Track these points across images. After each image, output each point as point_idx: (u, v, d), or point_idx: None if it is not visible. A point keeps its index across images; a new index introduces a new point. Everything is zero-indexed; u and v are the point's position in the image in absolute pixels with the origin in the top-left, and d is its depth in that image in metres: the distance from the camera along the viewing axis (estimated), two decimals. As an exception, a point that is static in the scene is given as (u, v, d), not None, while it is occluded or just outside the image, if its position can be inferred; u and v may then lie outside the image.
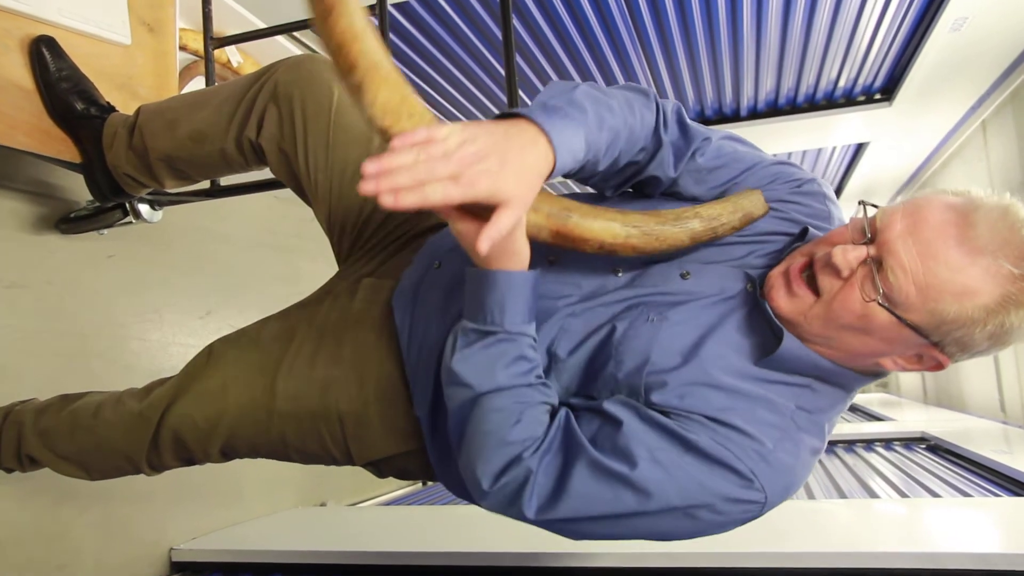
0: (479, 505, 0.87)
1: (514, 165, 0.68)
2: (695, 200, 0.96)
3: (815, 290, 0.82)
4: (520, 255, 0.79)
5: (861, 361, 0.85)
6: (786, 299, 0.84)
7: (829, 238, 0.84)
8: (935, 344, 0.80)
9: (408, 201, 0.63)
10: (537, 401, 0.84)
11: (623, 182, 0.97)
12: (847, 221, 0.99)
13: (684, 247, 0.89)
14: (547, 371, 0.90)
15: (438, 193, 0.64)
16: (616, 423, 0.81)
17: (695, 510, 0.79)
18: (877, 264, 0.78)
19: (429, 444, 1.01)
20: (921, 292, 0.75)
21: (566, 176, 0.82)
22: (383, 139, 0.66)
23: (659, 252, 0.87)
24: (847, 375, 0.87)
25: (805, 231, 0.91)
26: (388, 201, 0.63)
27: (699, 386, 0.82)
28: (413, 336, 1.02)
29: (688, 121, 0.95)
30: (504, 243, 0.76)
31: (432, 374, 0.98)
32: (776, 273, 0.86)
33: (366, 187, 0.63)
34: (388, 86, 0.65)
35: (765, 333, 0.86)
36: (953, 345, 0.80)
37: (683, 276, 0.90)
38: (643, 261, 0.92)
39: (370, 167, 0.63)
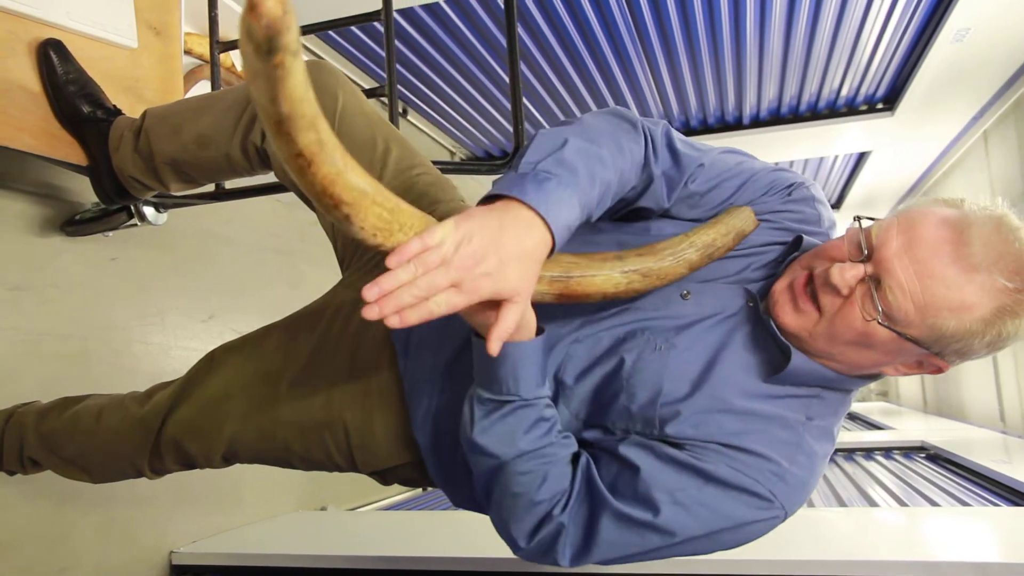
0: (510, 547, 0.89)
1: (513, 259, 0.68)
2: (691, 222, 0.95)
3: (819, 306, 0.83)
4: (527, 328, 0.78)
5: (864, 371, 0.87)
6: (792, 315, 0.84)
7: (827, 252, 0.84)
8: (935, 353, 0.82)
9: (414, 319, 0.63)
10: (560, 457, 0.85)
11: (613, 215, 0.97)
12: (836, 221, 1.00)
13: (684, 277, 0.89)
14: (555, 398, 0.90)
15: (442, 306, 0.64)
16: (634, 469, 0.82)
17: (718, 535, 0.82)
18: (875, 282, 0.79)
19: (432, 468, 1.02)
20: (920, 310, 0.77)
21: None
22: (380, 252, 0.65)
23: (661, 287, 0.87)
24: (849, 380, 0.89)
25: (800, 240, 0.92)
26: (394, 323, 0.62)
27: (713, 413, 0.83)
28: (410, 359, 1.02)
29: (679, 147, 0.92)
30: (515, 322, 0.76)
31: (430, 403, 0.99)
32: (780, 288, 0.87)
33: (369, 313, 0.61)
34: (376, 206, 0.64)
35: (770, 349, 0.87)
36: (953, 354, 0.82)
37: (683, 297, 0.91)
38: None
39: (370, 293, 0.61)
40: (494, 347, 0.69)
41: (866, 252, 0.80)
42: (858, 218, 0.84)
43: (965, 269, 0.75)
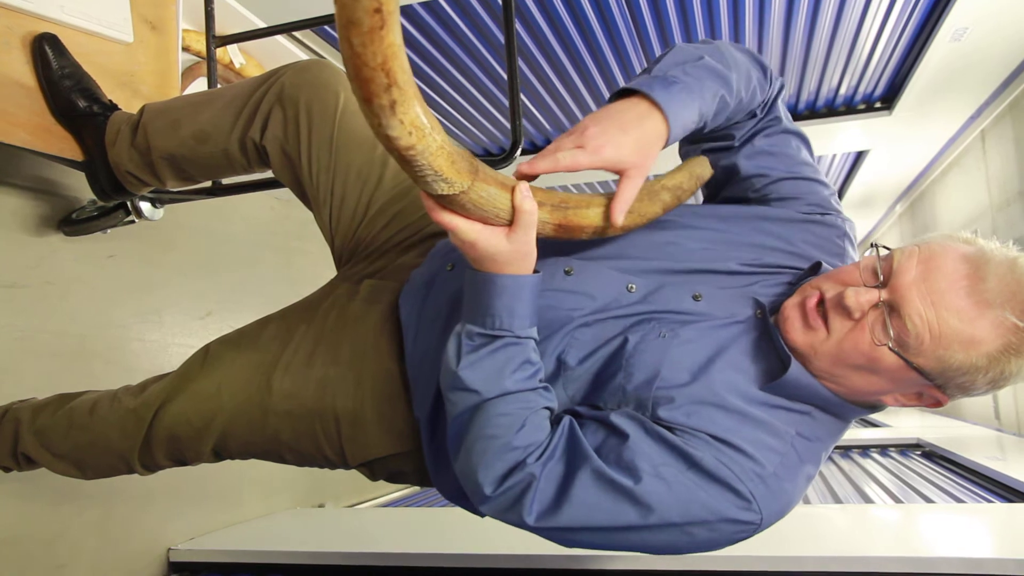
0: (477, 510, 0.87)
1: (633, 135, 0.78)
2: (734, 176, 1.03)
3: (828, 326, 0.84)
4: (532, 255, 0.81)
5: (863, 397, 0.88)
6: (801, 332, 0.85)
7: (839, 276, 0.86)
8: (938, 386, 0.83)
9: (541, 166, 0.75)
10: (541, 406, 0.84)
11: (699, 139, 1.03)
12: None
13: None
14: (554, 378, 0.91)
15: (567, 159, 0.75)
16: (622, 436, 0.82)
17: (692, 527, 0.80)
18: (889, 308, 0.80)
19: (427, 447, 1.01)
20: (934, 340, 0.78)
21: None
22: (405, 153, 0.64)
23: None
24: (847, 407, 0.89)
25: (819, 265, 0.93)
26: (524, 168, 0.75)
27: (706, 405, 0.84)
28: (419, 335, 1.02)
29: (778, 102, 1.02)
30: (523, 244, 0.78)
31: (435, 376, 0.98)
32: (791, 304, 0.88)
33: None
34: (419, 102, 0.64)
35: (771, 359, 0.87)
36: (955, 388, 0.83)
37: (695, 298, 0.92)
38: (656, 281, 0.94)
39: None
40: (619, 216, 0.80)
41: (882, 279, 0.82)
42: (875, 245, 0.85)
43: (979, 304, 0.77)
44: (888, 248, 0.86)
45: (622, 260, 0.95)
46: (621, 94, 0.83)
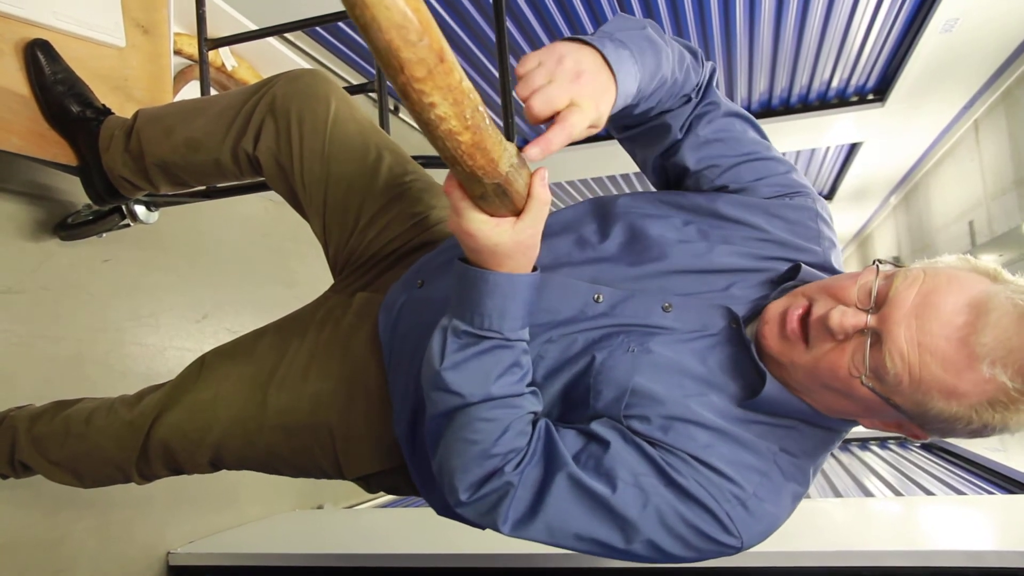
0: (455, 511, 0.84)
1: (594, 78, 0.70)
2: (686, 174, 0.98)
3: (808, 341, 0.79)
4: (535, 249, 0.75)
5: (838, 415, 0.83)
6: (778, 340, 0.81)
7: (834, 290, 0.80)
8: (917, 424, 0.78)
9: (557, 143, 0.66)
10: (525, 411, 0.80)
11: (640, 124, 0.97)
12: (837, 243, 0.97)
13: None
14: None
15: (578, 125, 0.66)
16: (603, 443, 0.79)
17: (667, 542, 0.77)
18: (874, 337, 0.74)
19: (410, 464, 1.00)
20: (913, 383, 0.72)
21: None
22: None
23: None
24: (833, 420, 0.85)
25: (797, 268, 0.88)
26: (536, 152, 0.65)
27: (682, 422, 0.80)
28: (393, 353, 1.01)
29: (713, 84, 0.97)
30: (529, 236, 0.72)
31: (410, 394, 0.97)
32: (775, 311, 0.83)
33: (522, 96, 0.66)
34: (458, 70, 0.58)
35: (748, 373, 0.83)
36: (934, 431, 0.78)
37: (665, 309, 0.87)
38: (626, 289, 0.89)
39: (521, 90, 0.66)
40: (535, 151, 0.65)
41: (874, 303, 0.75)
42: (877, 262, 0.79)
43: (969, 357, 0.70)
44: (895, 264, 0.79)
45: (585, 267, 0.92)
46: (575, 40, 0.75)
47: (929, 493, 2.57)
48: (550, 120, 0.67)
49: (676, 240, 0.92)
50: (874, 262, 0.80)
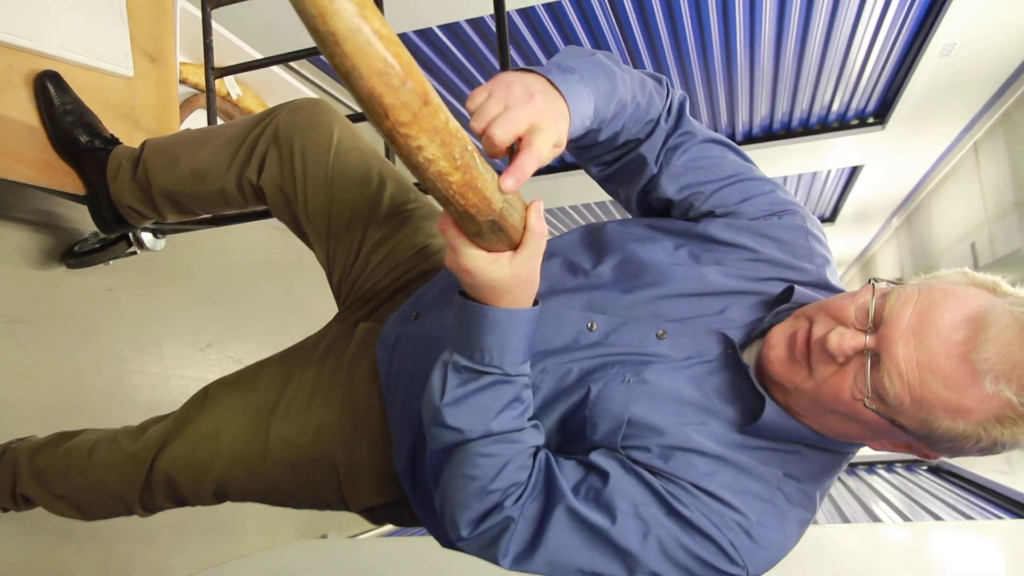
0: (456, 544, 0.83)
1: (543, 99, 0.67)
2: (671, 205, 0.96)
3: (811, 366, 0.77)
4: (535, 283, 0.74)
5: (845, 439, 0.82)
6: (783, 363, 0.79)
7: (832, 310, 0.78)
8: (927, 444, 0.76)
9: (529, 170, 0.63)
10: (526, 446, 0.79)
11: (615, 160, 0.96)
12: (831, 260, 0.96)
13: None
14: None
15: (544, 149, 0.64)
16: (602, 474, 0.78)
17: (672, 573, 0.75)
18: (874, 358, 0.72)
19: (412, 499, 0.99)
20: (915, 403, 0.71)
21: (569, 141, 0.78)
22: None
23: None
24: (837, 443, 0.83)
25: (791, 290, 0.86)
26: (510, 183, 0.61)
27: (681, 450, 0.78)
28: (390, 386, 1.00)
29: (686, 114, 0.95)
30: (528, 270, 0.71)
31: (408, 428, 0.96)
32: (779, 335, 0.81)
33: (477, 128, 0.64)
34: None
35: (747, 398, 0.82)
36: (944, 450, 0.76)
37: (659, 336, 0.86)
38: (620, 316, 0.88)
39: (477, 123, 0.63)
40: (509, 183, 0.62)
41: (872, 323, 0.74)
42: (873, 281, 0.78)
43: (971, 373, 0.68)
44: (891, 282, 0.78)
45: (578, 294, 0.91)
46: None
47: (937, 518, 2.55)
48: (511, 152, 0.65)
49: (668, 263, 0.91)
50: (870, 281, 0.78)
